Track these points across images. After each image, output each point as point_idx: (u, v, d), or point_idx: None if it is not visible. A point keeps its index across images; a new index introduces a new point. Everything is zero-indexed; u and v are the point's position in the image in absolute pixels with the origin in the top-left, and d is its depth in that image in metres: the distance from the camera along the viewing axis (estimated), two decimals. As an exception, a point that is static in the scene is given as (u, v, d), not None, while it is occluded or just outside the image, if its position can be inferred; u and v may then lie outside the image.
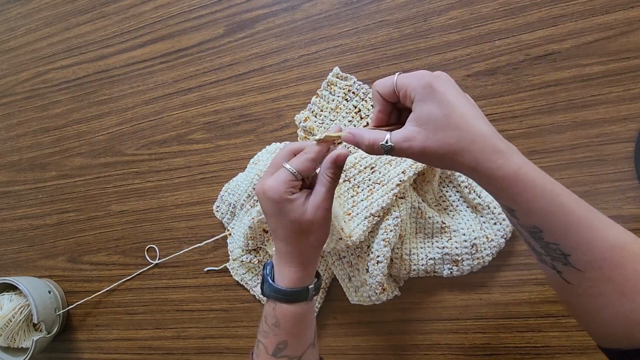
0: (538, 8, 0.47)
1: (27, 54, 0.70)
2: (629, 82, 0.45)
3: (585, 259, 0.27)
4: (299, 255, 0.36)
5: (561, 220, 0.27)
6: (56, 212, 0.68)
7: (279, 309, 0.36)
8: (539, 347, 0.48)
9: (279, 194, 0.34)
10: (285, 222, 0.35)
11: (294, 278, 0.36)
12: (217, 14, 0.59)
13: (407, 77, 0.31)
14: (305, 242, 0.36)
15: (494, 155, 0.27)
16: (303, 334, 0.37)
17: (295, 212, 0.35)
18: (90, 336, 0.66)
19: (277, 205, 0.35)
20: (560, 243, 0.27)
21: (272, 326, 0.37)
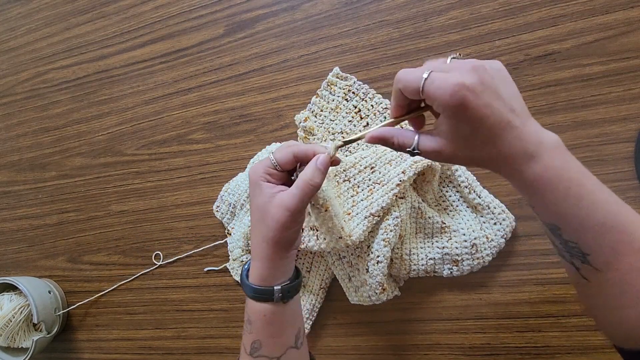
0: (538, 8, 0.47)
1: (27, 54, 0.70)
2: (629, 82, 0.45)
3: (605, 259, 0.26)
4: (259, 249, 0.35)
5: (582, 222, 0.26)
6: (56, 212, 0.68)
7: (249, 306, 0.36)
8: (539, 347, 0.48)
9: (254, 175, 0.35)
10: (253, 207, 0.35)
11: (258, 275, 0.35)
12: (217, 14, 0.59)
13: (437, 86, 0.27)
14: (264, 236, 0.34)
15: (518, 161, 0.27)
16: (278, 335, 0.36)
17: (261, 198, 0.34)
18: (90, 336, 0.66)
19: (251, 186, 0.35)
20: (579, 242, 0.27)
21: (246, 323, 0.36)
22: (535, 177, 0.27)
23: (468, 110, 0.26)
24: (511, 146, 0.27)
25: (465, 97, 0.26)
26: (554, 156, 0.27)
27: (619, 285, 0.26)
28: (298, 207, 0.33)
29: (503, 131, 0.27)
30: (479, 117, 0.27)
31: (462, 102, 0.26)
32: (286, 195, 0.33)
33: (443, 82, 0.27)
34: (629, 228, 0.26)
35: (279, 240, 0.34)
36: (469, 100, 0.26)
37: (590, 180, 0.27)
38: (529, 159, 0.27)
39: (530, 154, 0.27)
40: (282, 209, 0.33)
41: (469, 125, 0.27)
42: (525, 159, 0.27)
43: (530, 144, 0.27)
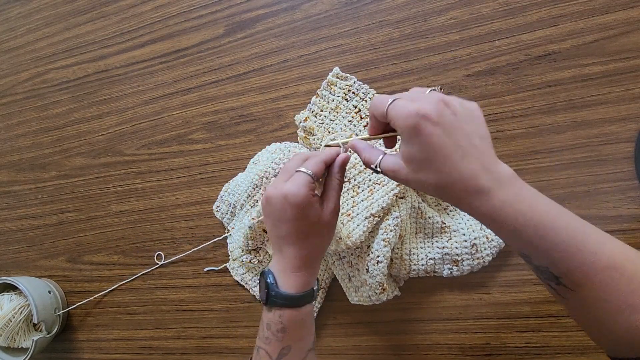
0: (538, 8, 0.47)
1: (27, 54, 0.70)
2: (629, 82, 0.45)
3: (576, 280, 0.27)
4: (310, 259, 0.37)
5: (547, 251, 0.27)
6: (56, 212, 0.68)
7: (286, 315, 0.36)
8: (539, 347, 0.48)
9: (302, 197, 0.35)
10: (305, 225, 0.36)
11: (301, 282, 0.37)
12: (217, 14, 0.59)
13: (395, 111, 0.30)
14: (319, 244, 0.37)
15: (474, 195, 0.28)
16: (305, 338, 0.38)
17: (316, 214, 0.36)
18: (90, 336, 0.66)
19: (299, 208, 0.35)
20: (549, 266, 0.27)
21: (276, 332, 0.36)
22: (492, 211, 0.28)
23: (420, 135, 0.28)
24: (464, 180, 0.28)
25: (419, 123, 0.28)
26: (510, 189, 0.28)
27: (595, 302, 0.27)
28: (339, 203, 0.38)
29: (457, 163, 0.28)
30: (431, 144, 0.28)
31: (415, 127, 0.28)
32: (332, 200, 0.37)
33: (402, 108, 0.29)
34: (592, 247, 0.26)
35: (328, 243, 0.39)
36: (422, 126, 0.28)
37: (550, 206, 0.28)
38: (484, 194, 0.28)
39: (485, 188, 0.28)
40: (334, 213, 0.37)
41: (421, 150, 0.29)
42: (480, 194, 0.28)
43: (485, 179, 0.28)
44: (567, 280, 0.27)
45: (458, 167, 0.28)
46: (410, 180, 0.30)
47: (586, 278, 0.26)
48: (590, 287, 0.26)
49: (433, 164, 0.28)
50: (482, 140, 0.29)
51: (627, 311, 0.26)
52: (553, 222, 0.27)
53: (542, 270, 0.28)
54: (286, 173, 0.37)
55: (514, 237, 0.28)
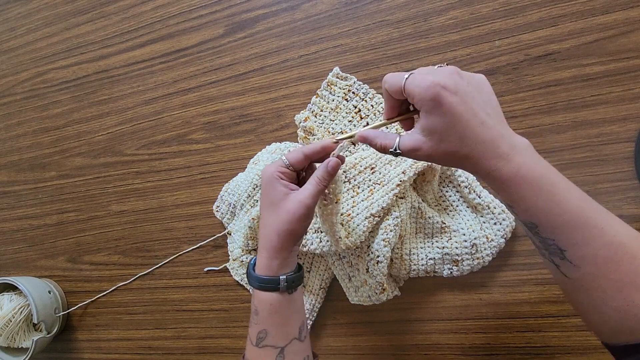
0: (538, 8, 0.47)
1: (27, 54, 0.70)
2: (629, 82, 0.45)
3: (581, 254, 0.27)
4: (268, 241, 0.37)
5: (556, 219, 0.28)
6: (56, 212, 0.68)
7: (256, 296, 0.38)
8: (539, 347, 0.48)
9: (268, 173, 0.37)
10: (267, 202, 0.37)
11: (265, 265, 0.37)
12: (217, 14, 0.59)
13: (415, 84, 0.30)
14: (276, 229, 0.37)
15: (493, 160, 0.29)
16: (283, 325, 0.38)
17: (276, 194, 0.37)
18: (90, 336, 0.66)
19: (264, 183, 0.38)
20: (556, 239, 0.28)
21: (253, 314, 0.38)
22: (510, 175, 0.28)
23: (443, 105, 0.29)
24: (485, 144, 0.29)
25: (440, 93, 0.29)
26: (526, 156, 0.29)
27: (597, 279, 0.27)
28: (313, 202, 0.37)
29: (477, 128, 0.29)
30: (453, 113, 0.29)
31: (437, 97, 0.29)
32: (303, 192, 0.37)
33: (421, 80, 0.30)
34: (600, 223, 0.27)
35: (292, 232, 0.37)
36: (443, 95, 0.28)
37: (561, 178, 0.29)
38: (502, 158, 0.29)
39: (503, 153, 0.29)
40: (300, 204, 0.36)
41: (443, 120, 0.29)
42: (500, 158, 0.29)
43: (504, 144, 0.29)
44: (572, 254, 0.28)
45: (479, 134, 0.29)
46: (433, 153, 0.31)
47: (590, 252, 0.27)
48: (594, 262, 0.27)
49: (455, 133, 0.29)
50: (495, 109, 0.30)
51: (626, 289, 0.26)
52: (565, 193, 0.28)
53: (548, 244, 0.29)
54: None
55: (526, 203, 0.29)
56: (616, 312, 0.27)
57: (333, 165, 0.37)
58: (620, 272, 0.26)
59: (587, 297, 0.29)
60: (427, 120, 0.30)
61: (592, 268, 0.27)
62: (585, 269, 0.27)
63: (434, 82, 0.29)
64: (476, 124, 0.29)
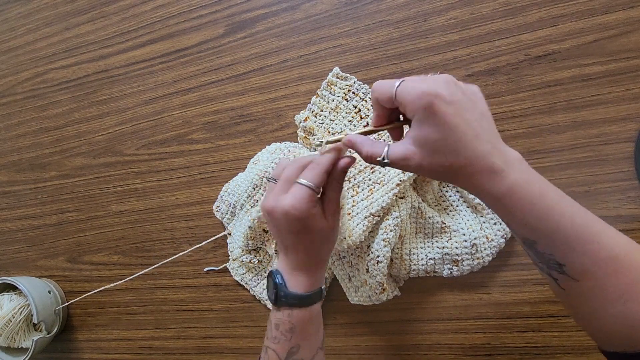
0: (538, 8, 0.47)
1: (27, 54, 0.70)
2: (629, 82, 0.45)
3: (579, 269, 0.27)
4: (317, 260, 0.37)
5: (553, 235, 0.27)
6: (56, 212, 0.68)
7: (295, 315, 0.36)
8: (539, 347, 0.48)
9: (304, 212, 0.34)
10: (310, 236, 0.36)
11: (310, 282, 0.37)
12: (217, 14, 0.59)
13: (407, 92, 0.29)
14: (326, 249, 0.38)
15: (487, 176, 0.28)
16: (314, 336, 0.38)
17: (320, 224, 0.35)
18: (90, 336, 0.66)
19: (302, 222, 0.34)
20: (554, 253, 0.28)
21: (285, 332, 0.36)
22: (504, 192, 0.27)
23: (436, 115, 0.27)
24: (478, 159, 0.27)
25: (434, 102, 0.27)
26: (520, 171, 0.28)
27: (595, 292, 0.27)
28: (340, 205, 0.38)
29: (471, 142, 0.27)
30: (446, 123, 0.27)
31: (430, 105, 0.27)
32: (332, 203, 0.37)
33: (413, 88, 0.28)
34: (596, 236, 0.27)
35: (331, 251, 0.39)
36: (437, 104, 0.27)
37: (556, 193, 0.28)
38: (497, 174, 0.27)
39: (498, 168, 0.27)
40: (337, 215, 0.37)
41: (436, 131, 0.28)
42: (493, 174, 0.27)
43: (498, 159, 0.28)
44: (570, 269, 0.27)
45: (472, 147, 0.27)
46: (423, 165, 0.29)
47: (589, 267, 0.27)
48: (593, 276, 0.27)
49: (448, 145, 0.28)
50: (489, 122, 0.29)
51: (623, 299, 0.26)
52: (561, 208, 0.27)
53: (547, 259, 0.28)
54: (287, 183, 0.35)
55: (521, 220, 0.28)
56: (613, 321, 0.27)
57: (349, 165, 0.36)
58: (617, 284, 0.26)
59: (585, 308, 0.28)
60: (419, 130, 0.28)
61: (591, 281, 0.27)
62: (584, 283, 0.27)
63: (428, 90, 0.27)
64: (471, 136, 0.27)
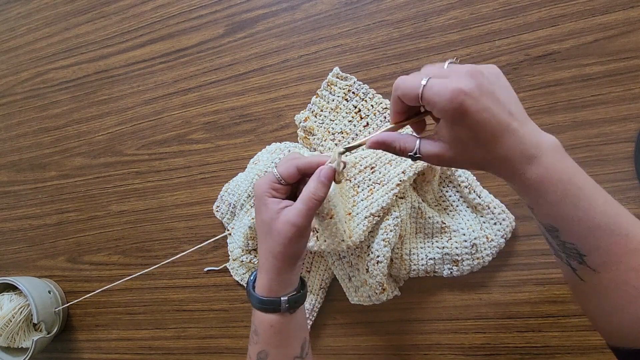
0: (538, 8, 0.47)
1: (27, 54, 0.70)
2: (629, 82, 0.45)
3: (602, 260, 0.27)
4: (266, 262, 0.36)
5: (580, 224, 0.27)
6: (56, 212, 0.68)
7: (256, 317, 0.36)
8: (539, 347, 0.48)
9: (259, 190, 0.35)
10: (259, 221, 0.36)
11: (265, 286, 0.36)
12: (217, 14, 0.59)
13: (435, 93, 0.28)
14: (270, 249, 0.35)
15: (517, 163, 0.27)
16: (284, 345, 0.36)
17: (267, 214, 0.35)
18: (90, 336, 0.66)
19: (257, 201, 0.36)
20: (577, 243, 0.27)
21: (252, 333, 0.37)
22: (535, 178, 0.27)
23: (467, 115, 0.27)
24: (510, 149, 0.27)
25: (464, 102, 0.26)
26: (553, 158, 0.27)
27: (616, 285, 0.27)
28: (304, 222, 0.34)
29: (502, 134, 0.27)
30: (478, 122, 0.27)
31: (461, 107, 0.26)
32: (292, 211, 0.34)
33: (442, 88, 0.27)
34: (624, 229, 0.26)
35: (286, 254, 0.35)
36: (467, 105, 0.26)
37: (588, 181, 0.27)
38: (528, 161, 0.27)
39: (529, 156, 0.27)
40: (288, 225, 0.34)
41: (468, 130, 0.27)
42: (525, 161, 0.27)
43: (530, 146, 0.27)
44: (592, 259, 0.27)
45: (505, 139, 0.27)
46: (457, 160, 0.29)
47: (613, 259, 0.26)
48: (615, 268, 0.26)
49: (481, 141, 0.28)
50: (517, 104, 0.28)
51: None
52: (590, 197, 0.27)
53: (568, 248, 0.28)
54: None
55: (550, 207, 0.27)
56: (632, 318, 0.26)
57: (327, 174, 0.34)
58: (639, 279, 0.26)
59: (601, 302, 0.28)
60: (450, 130, 0.28)
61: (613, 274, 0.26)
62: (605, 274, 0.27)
63: (457, 89, 0.26)
64: (502, 129, 0.27)
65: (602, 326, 0.30)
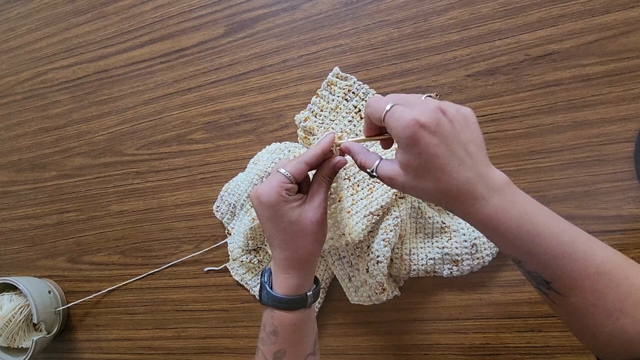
0: (538, 8, 0.47)
1: (27, 54, 0.70)
2: (629, 82, 0.45)
3: (567, 286, 0.27)
4: (296, 261, 0.36)
5: (538, 256, 0.27)
6: (56, 212, 0.68)
7: (277, 317, 0.36)
8: (539, 347, 0.48)
9: (273, 196, 0.35)
10: (283, 225, 0.35)
11: (292, 285, 0.36)
12: (217, 14, 0.59)
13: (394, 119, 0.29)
14: (302, 246, 0.36)
15: (470, 202, 0.28)
16: (301, 343, 0.37)
17: (293, 213, 0.35)
18: (90, 336, 0.66)
19: (272, 208, 0.35)
20: (541, 273, 0.28)
21: (270, 334, 0.36)
22: (486, 217, 0.28)
23: (419, 145, 0.28)
24: (460, 187, 0.28)
25: (417, 133, 0.28)
26: (503, 196, 0.28)
27: (584, 307, 0.27)
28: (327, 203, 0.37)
29: (453, 171, 0.28)
30: (429, 154, 0.28)
31: (414, 136, 0.28)
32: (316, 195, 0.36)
33: (401, 115, 0.29)
34: (583, 253, 0.27)
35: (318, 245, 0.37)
36: (419, 136, 0.28)
37: (541, 212, 0.28)
38: (479, 200, 0.28)
39: (480, 195, 0.28)
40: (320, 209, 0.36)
41: (419, 160, 0.29)
42: (475, 200, 0.28)
43: (480, 186, 0.28)
44: (557, 286, 0.28)
45: (454, 176, 0.28)
46: (407, 187, 0.30)
47: (576, 283, 0.27)
48: (580, 292, 0.27)
49: (430, 172, 0.29)
50: (477, 147, 0.29)
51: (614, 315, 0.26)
52: (544, 228, 0.27)
53: (533, 276, 0.29)
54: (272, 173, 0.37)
55: (506, 243, 0.29)
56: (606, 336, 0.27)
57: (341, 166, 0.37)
58: (607, 299, 0.26)
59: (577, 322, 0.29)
60: (403, 155, 0.30)
61: (580, 297, 0.27)
62: (573, 298, 0.27)
63: (413, 119, 0.28)
64: (454, 166, 0.28)
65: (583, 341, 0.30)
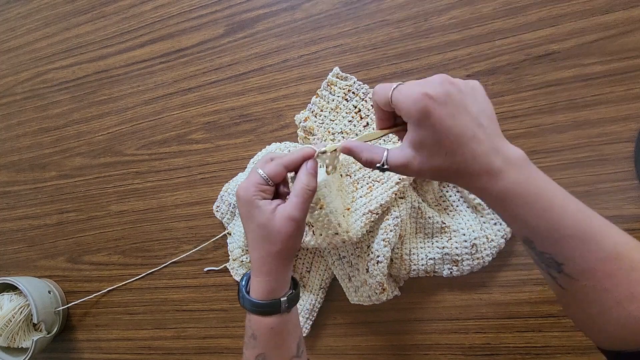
0: (538, 8, 0.47)
1: (27, 54, 0.70)
2: (630, 82, 0.45)
3: (579, 268, 0.27)
4: (264, 265, 0.35)
5: (552, 234, 0.27)
6: (56, 212, 0.68)
7: (253, 321, 0.36)
8: (539, 347, 0.48)
9: (247, 195, 0.34)
10: (253, 226, 0.35)
11: (265, 289, 0.35)
12: (217, 14, 0.59)
13: (402, 95, 0.29)
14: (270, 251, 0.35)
15: (485, 176, 0.28)
16: (282, 347, 0.36)
17: (262, 216, 0.34)
18: (90, 336, 0.66)
19: (246, 207, 0.35)
20: (553, 253, 0.27)
21: (250, 338, 0.36)
22: (503, 192, 0.27)
23: (430, 118, 0.27)
24: (476, 160, 0.27)
25: (428, 106, 0.27)
26: (520, 171, 0.27)
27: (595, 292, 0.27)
28: (302, 215, 0.34)
29: (468, 143, 0.27)
30: (442, 126, 0.27)
31: (424, 109, 0.27)
32: (289, 206, 0.34)
33: (409, 91, 0.28)
34: (597, 235, 0.26)
35: (287, 251, 0.35)
36: (431, 108, 0.27)
37: (558, 191, 0.27)
38: (495, 174, 0.27)
39: (496, 169, 0.27)
40: (288, 220, 0.34)
41: (432, 134, 0.28)
42: (492, 174, 0.27)
43: (497, 159, 0.27)
44: (569, 268, 0.27)
45: (470, 148, 0.27)
46: (423, 169, 0.29)
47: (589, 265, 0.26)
48: (593, 275, 0.26)
49: (444, 147, 0.28)
50: (489, 119, 0.28)
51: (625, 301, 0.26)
52: (560, 208, 0.27)
53: (544, 258, 0.28)
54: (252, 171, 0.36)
55: (520, 220, 0.28)
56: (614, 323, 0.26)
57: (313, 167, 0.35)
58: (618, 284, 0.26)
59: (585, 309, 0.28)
60: (415, 133, 0.28)
61: (591, 281, 0.26)
62: (583, 282, 0.27)
63: (422, 92, 0.27)
64: (467, 138, 0.27)
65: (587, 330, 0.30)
